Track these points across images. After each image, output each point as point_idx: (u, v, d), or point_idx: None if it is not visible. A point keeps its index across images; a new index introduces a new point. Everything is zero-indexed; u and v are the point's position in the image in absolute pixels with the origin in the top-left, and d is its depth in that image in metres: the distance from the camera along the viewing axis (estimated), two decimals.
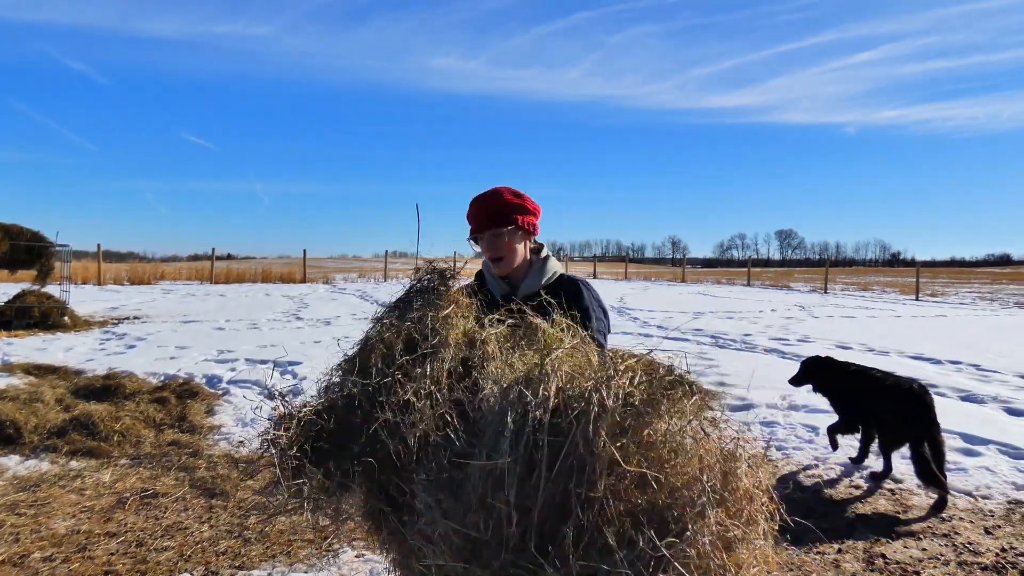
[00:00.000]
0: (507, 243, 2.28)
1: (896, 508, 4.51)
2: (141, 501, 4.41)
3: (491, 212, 2.27)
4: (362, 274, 35.90)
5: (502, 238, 2.27)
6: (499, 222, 2.26)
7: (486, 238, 2.29)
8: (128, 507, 4.30)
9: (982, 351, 10.79)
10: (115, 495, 4.50)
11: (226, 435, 5.90)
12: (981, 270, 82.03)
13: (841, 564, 3.69)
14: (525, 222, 2.30)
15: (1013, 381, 8.39)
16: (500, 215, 2.27)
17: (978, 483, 4.94)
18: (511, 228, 2.28)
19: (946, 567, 3.68)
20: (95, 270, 25.33)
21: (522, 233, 2.32)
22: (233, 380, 7.62)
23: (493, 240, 2.28)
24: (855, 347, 11.14)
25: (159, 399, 6.40)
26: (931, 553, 3.85)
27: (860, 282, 38.98)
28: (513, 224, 2.27)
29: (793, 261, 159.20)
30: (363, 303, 18.58)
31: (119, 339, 10.69)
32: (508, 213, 2.27)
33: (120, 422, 5.63)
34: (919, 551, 3.87)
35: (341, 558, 3.68)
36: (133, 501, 4.39)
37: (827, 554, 3.82)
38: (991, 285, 38.44)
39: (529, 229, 2.33)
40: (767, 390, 7.62)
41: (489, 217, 2.27)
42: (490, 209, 2.27)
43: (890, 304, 21.89)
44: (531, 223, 2.33)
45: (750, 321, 15.23)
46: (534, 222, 2.35)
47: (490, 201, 2.28)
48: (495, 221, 2.27)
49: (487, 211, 2.27)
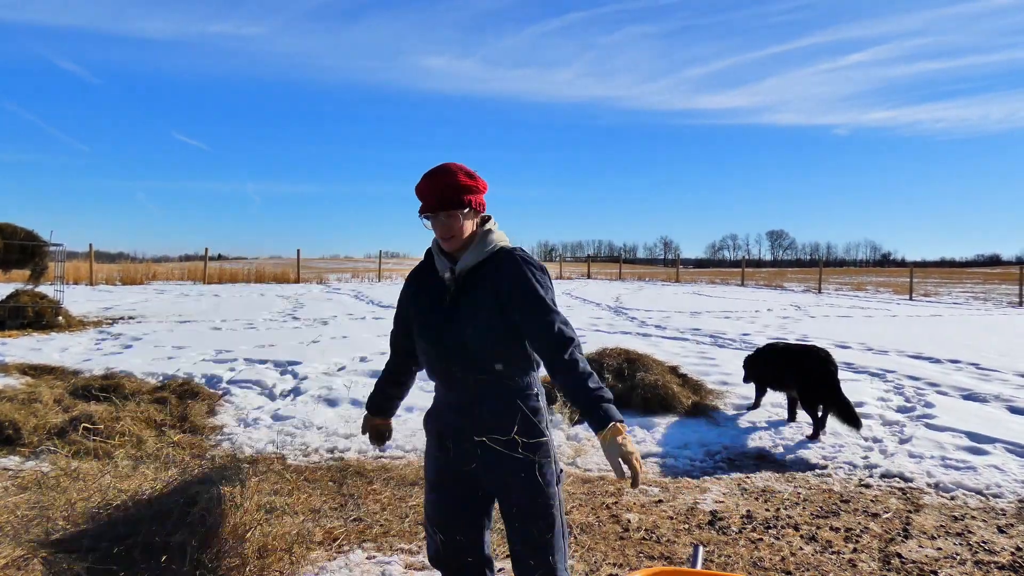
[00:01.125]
0: (460, 225, 2.27)
1: (908, 507, 4.49)
2: None
3: (446, 194, 2.23)
4: (356, 274, 35.75)
5: (457, 220, 2.26)
6: (455, 204, 2.24)
7: (440, 220, 2.26)
8: None
9: (980, 350, 10.81)
10: None
11: (228, 435, 5.83)
12: (971, 270, 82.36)
13: (857, 564, 3.66)
14: (476, 202, 2.28)
15: (1013, 380, 8.39)
16: (456, 197, 2.23)
17: (988, 482, 4.93)
18: (466, 211, 2.27)
19: (963, 566, 3.65)
20: (87, 270, 25.12)
21: (473, 213, 2.31)
22: (233, 380, 7.54)
23: (448, 222, 2.26)
24: (854, 346, 11.13)
25: (159, 399, 6.31)
26: (946, 552, 3.82)
27: (853, 282, 39.08)
28: (468, 206, 2.26)
29: (785, 261, 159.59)
30: (358, 303, 18.49)
31: (115, 339, 10.58)
32: (463, 195, 2.24)
33: (121, 423, 5.54)
34: (934, 550, 3.84)
35: (351, 559, 3.62)
36: None
37: (842, 553, 3.79)
38: (983, 285, 38.62)
39: (479, 209, 2.32)
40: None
41: (444, 199, 2.23)
42: (445, 191, 2.23)
43: (884, 304, 21.94)
44: (481, 202, 2.32)
45: (747, 321, 15.23)
46: (483, 201, 2.34)
47: (445, 183, 2.24)
48: (452, 203, 2.23)
49: (442, 192, 2.23)
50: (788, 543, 3.92)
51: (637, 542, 3.92)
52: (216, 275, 28.33)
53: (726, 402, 7.00)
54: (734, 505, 4.51)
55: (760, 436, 6.03)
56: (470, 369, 2.27)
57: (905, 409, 6.91)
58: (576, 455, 5.48)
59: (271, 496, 4.47)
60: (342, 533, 3.95)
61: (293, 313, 15.38)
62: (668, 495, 4.69)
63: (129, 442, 5.38)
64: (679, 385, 6.84)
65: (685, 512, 4.38)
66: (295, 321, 13.71)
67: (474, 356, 2.25)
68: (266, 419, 6.27)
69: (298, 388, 7.32)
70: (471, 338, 2.24)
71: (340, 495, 4.55)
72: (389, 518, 4.18)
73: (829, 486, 4.89)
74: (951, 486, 4.86)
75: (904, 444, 5.75)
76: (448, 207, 2.24)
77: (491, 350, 2.24)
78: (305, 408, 6.60)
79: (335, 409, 6.60)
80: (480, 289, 2.26)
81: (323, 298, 20.21)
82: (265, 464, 5.14)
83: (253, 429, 5.98)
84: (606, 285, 31.77)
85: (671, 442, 5.81)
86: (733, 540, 3.96)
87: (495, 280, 2.25)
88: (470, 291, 2.27)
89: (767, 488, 4.83)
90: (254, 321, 13.52)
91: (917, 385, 7.98)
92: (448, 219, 2.26)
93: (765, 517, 4.30)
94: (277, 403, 6.85)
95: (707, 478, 5.04)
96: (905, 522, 4.23)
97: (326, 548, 3.76)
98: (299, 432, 5.91)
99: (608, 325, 14.07)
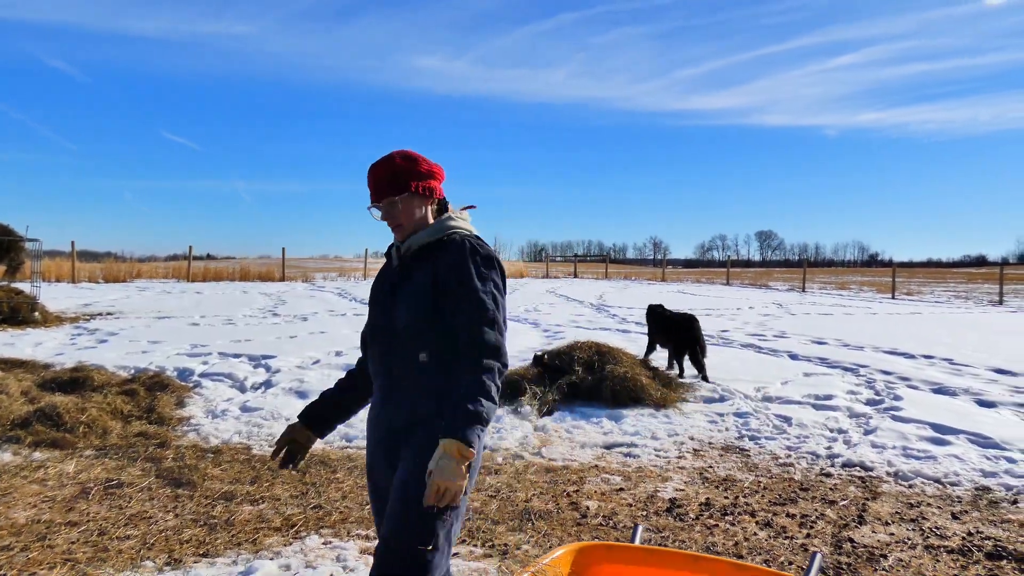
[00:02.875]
0: (402, 210, 2.18)
1: (865, 495, 4.53)
2: (105, 491, 4.33)
3: (385, 180, 2.17)
4: (342, 273, 35.69)
5: (396, 206, 2.18)
6: (394, 190, 2.17)
7: (383, 207, 2.20)
8: (91, 497, 4.22)
9: (956, 346, 10.91)
10: (78, 485, 4.42)
11: (195, 426, 5.81)
12: (957, 271, 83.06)
13: (809, 548, 3.70)
14: (420, 187, 2.18)
15: (984, 375, 8.49)
16: (394, 182, 2.16)
17: (947, 471, 4.98)
18: (406, 195, 2.18)
19: (913, 551, 3.69)
20: (69, 268, 24.98)
21: (420, 198, 2.20)
22: (205, 373, 7.53)
23: (389, 209, 2.18)
24: (830, 342, 11.22)
25: (128, 391, 6.29)
26: (898, 537, 3.86)
27: (838, 281, 39.33)
28: (407, 191, 2.17)
29: (773, 262, 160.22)
30: (341, 300, 18.47)
31: (90, 334, 10.53)
32: (402, 179, 2.16)
33: (86, 413, 5.53)
34: (887, 535, 3.89)
35: (307, 544, 3.63)
36: (97, 491, 4.31)
37: (795, 538, 3.83)
38: (967, 284, 38.92)
39: (426, 193, 2.20)
40: (742, 382, 7.66)
41: (383, 186, 2.17)
42: (383, 177, 2.17)
43: (866, 302, 22.10)
44: (427, 186, 2.20)
45: (728, 318, 15.31)
46: (432, 184, 2.22)
47: (382, 169, 2.17)
48: (391, 189, 2.17)
49: (380, 179, 2.17)
50: (743, 529, 3.96)
51: (594, 527, 3.94)
52: (200, 273, 28.24)
53: (697, 395, 7.05)
54: (694, 493, 4.54)
55: (727, 427, 6.07)
56: (394, 354, 2.12)
57: (874, 402, 6.98)
58: (542, 445, 5.50)
59: (231, 485, 4.49)
60: (300, 520, 3.95)
61: (274, 310, 15.35)
62: (630, 484, 4.71)
63: (93, 433, 5.37)
64: (649, 378, 6.88)
65: (645, 500, 4.41)
66: (275, 317, 13.68)
67: (400, 340, 2.10)
68: (235, 410, 6.26)
69: (270, 381, 7.31)
70: (399, 319, 2.10)
71: (303, 483, 4.56)
72: (349, 505, 4.19)
73: (790, 475, 4.93)
74: (910, 475, 4.91)
75: (868, 435, 5.80)
76: (387, 193, 2.17)
77: (416, 337, 2.07)
78: (275, 400, 6.59)
79: (305, 400, 6.59)
80: (421, 272, 2.13)
81: (306, 295, 20.17)
82: (230, 454, 5.14)
83: (220, 420, 5.97)
84: (592, 284, 31.83)
85: (638, 432, 5.84)
86: (689, 526, 3.99)
87: (436, 264, 2.13)
88: (413, 273, 2.17)
89: (729, 477, 4.87)
90: (233, 317, 13.48)
91: (888, 379, 8.06)
92: (388, 206, 2.19)
93: (723, 504, 4.33)
94: (247, 395, 6.84)
95: (670, 468, 5.08)
96: (861, 509, 4.28)
97: (283, 534, 3.76)
98: (267, 423, 5.90)
99: (588, 321, 14.12)
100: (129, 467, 4.79)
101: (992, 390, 7.51)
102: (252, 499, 4.27)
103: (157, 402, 6.12)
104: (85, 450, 5.12)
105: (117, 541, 3.61)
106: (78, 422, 5.40)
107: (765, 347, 10.58)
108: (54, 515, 3.93)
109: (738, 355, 9.73)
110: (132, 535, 3.69)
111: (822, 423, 6.15)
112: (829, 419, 6.28)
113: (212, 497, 4.27)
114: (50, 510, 4.01)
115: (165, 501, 4.20)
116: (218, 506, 4.13)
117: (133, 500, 4.20)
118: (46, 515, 3.93)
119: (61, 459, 4.90)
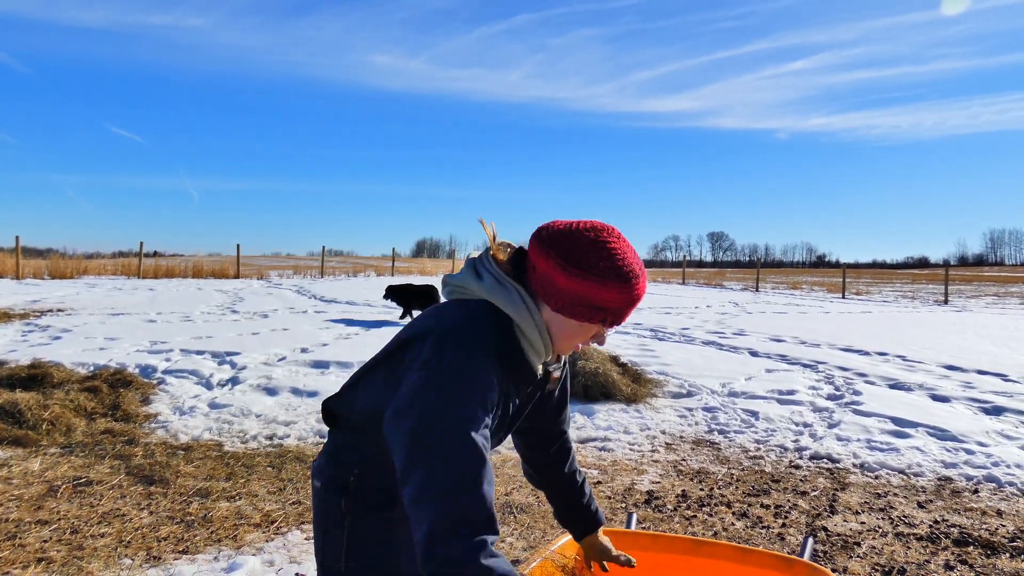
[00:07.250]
0: None
1: (835, 485, 4.66)
2: (74, 489, 4.21)
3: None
4: (298, 270, 35.18)
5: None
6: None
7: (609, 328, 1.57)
8: (60, 495, 4.10)
9: (907, 344, 11.26)
10: (45, 484, 4.29)
11: (163, 423, 5.69)
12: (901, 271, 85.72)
13: (786, 537, 3.79)
14: None
15: (936, 371, 8.78)
16: None
17: (910, 462, 5.15)
18: None
19: (884, 538, 3.82)
20: (12, 264, 24.11)
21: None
22: (169, 370, 7.36)
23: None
24: (788, 340, 11.47)
25: (90, 388, 6.11)
26: (869, 526, 3.99)
27: (789, 281, 40.22)
28: None
29: (725, 262, 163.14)
30: (300, 298, 18.22)
31: (42, 331, 10.20)
32: None
33: (49, 410, 5.37)
34: (858, 524, 4.01)
35: (290, 539, 3.59)
36: (65, 489, 4.19)
37: (772, 528, 3.92)
38: (912, 285, 40.20)
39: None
40: (708, 378, 7.79)
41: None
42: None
43: (819, 302, 22.65)
44: None
45: (687, 316, 15.54)
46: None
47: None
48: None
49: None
50: (721, 519, 4.04)
51: None
52: (152, 271, 27.53)
53: (665, 390, 7.15)
54: (670, 486, 4.61)
55: (696, 422, 6.18)
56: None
57: (835, 397, 7.17)
58: None
59: (205, 482, 4.41)
60: (280, 516, 3.90)
61: (232, 307, 15.06)
62: (607, 477, 4.77)
63: (57, 430, 5.21)
64: (619, 374, 6.96)
65: (623, 492, 4.47)
66: (234, 314, 13.43)
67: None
68: (203, 407, 6.14)
69: (236, 378, 7.19)
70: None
71: (279, 480, 4.50)
72: None
73: (761, 467, 5.04)
74: (875, 466, 5.07)
75: (832, 428, 5.96)
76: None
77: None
78: (244, 397, 6.48)
79: (275, 398, 6.51)
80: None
81: (264, 292, 19.84)
82: (201, 451, 5.04)
83: (189, 417, 5.85)
84: None
85: (611, 427, 5.90)
86: (668, 517, 4.06)
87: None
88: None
89: (702, 470, 4.96)
90: (191, 314, 13.20)
91: (846, 375, 8.28)
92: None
93: (700, 496, 4.41)
94: (215, 392, 6.71)
95: (645, 461, 5.14)
96: (832, 499, 4.40)
97: (263, 530, 3.71)
98: (237, 420, 5.80)
99: None
100: (97, 465, 4.67)
101: (945, 385, 7.78)
102: (228, 496, 4.20)
103: (121, 399, 5.97)
104: (49, 448, 4.97)
105: (92, 539, 3.52)
106: (40, 419, 5.25)
107: (726, 344, 10.78)
108: (22, 514, 3.81)
109: (701, 352, 9.89)
110: (107, 533, 3.61)
111: (788, 417, 6.30)
112: (794, 413, 6.44)
113: (186, 494, 4.19)
114: (18, 508, 3.88)
115: (138, 499, 4.11)
116: (194, 503, 4.05)
117: (104, 498, 4.09)
118: (14, 514, 3.81)
119: (25, 457, 4.75)
